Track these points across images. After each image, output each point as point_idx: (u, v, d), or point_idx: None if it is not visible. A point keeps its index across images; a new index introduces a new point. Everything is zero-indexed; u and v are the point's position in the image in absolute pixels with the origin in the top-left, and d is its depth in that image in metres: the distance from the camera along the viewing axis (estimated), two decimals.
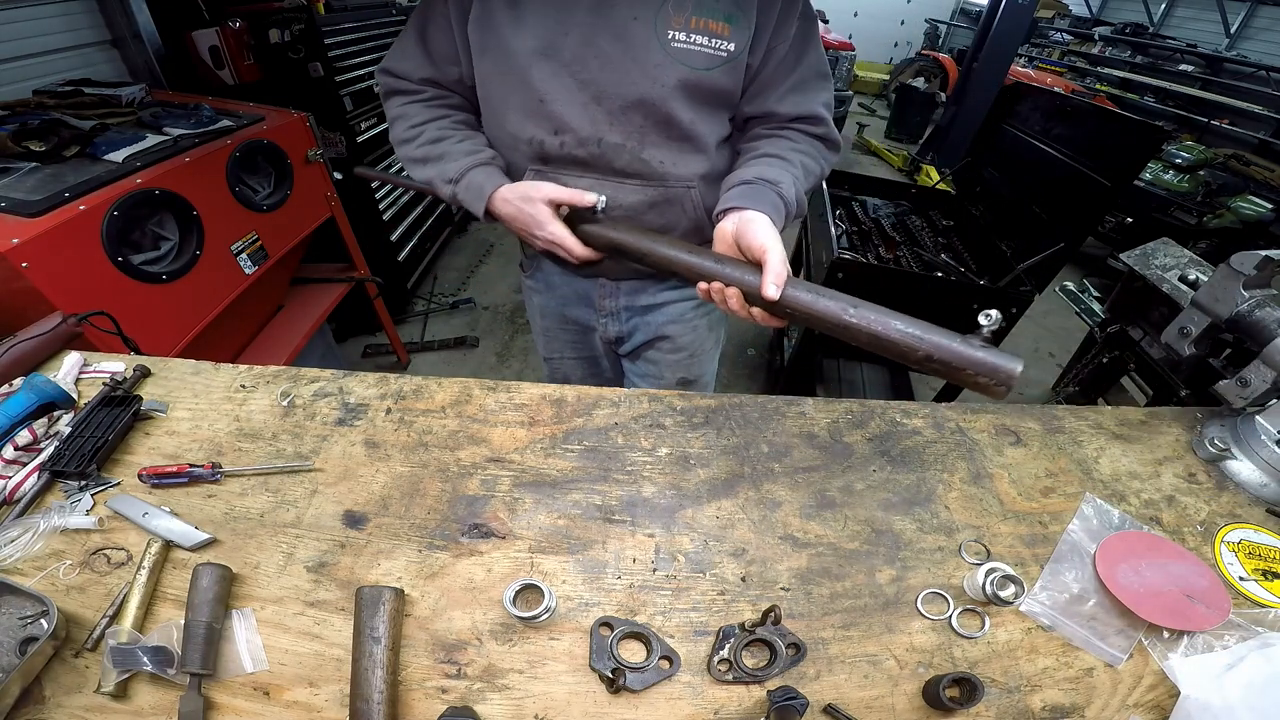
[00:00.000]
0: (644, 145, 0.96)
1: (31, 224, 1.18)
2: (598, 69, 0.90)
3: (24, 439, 0.79)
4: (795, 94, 0.99)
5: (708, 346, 1.32)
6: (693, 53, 0.90)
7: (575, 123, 0.94)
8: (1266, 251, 0.89)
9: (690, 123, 0.95)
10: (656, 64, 0.89)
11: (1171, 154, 4.71)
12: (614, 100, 0.92)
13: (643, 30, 0.88)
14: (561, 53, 0.90)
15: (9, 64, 1.83)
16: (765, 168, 0.95)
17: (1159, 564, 0.73)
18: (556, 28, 0.89)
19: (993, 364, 0.68)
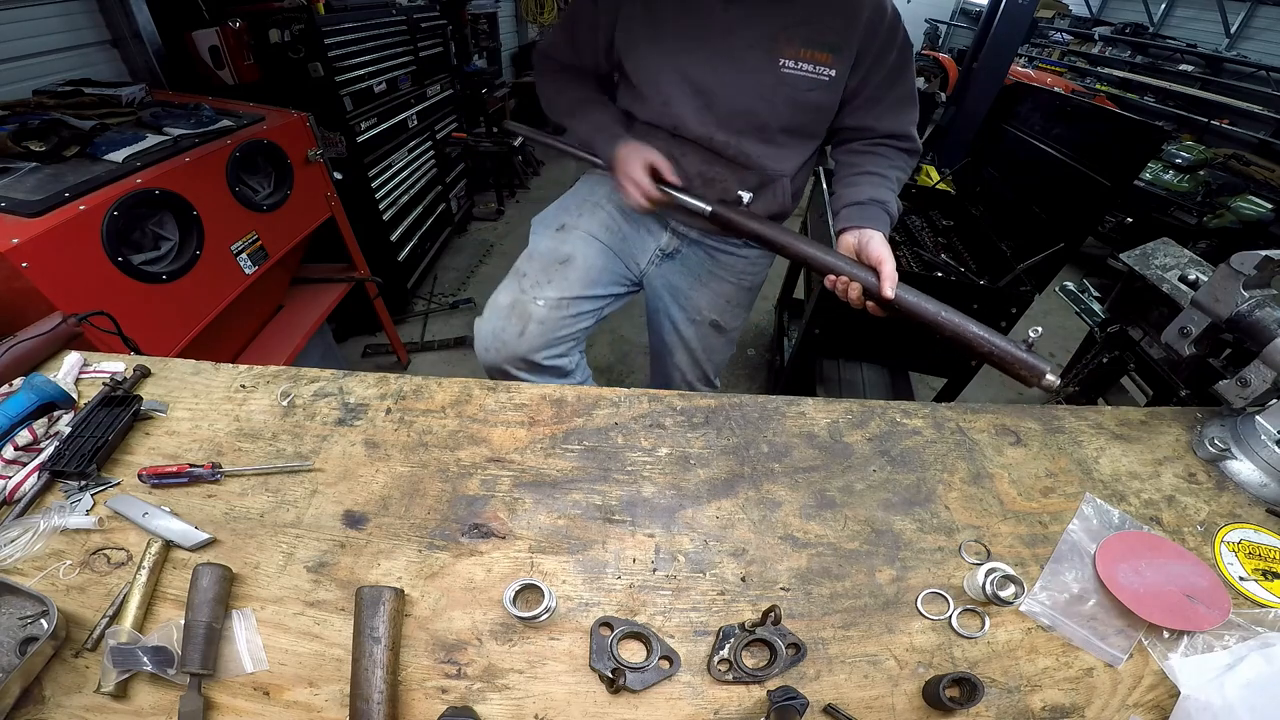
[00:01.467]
0: (742, 143, 1.18)
1: (31, 224, 1.18)
2: (716, 84, 1.12)
3: (24, 439, 0.79)
4: (890, 114, 1.19)
5: (744, 302, 1.52)
6: (799, 77, 1.10)
7: (690, 123, 1.17)
8: (1266, 251, 0.89)
9: (783, 130, 1.18)
10: (770, 85, 1.11)
11: (1171, 154, 4.71)
12: (724, 110, 1.15)
13: (760, 56, 1.09)
14: (688, 68, 1.12)
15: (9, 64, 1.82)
16: (873, 189, 1.14)
17: (1159, 564, 0.73)
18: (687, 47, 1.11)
19: (1034, 363, 0.91)
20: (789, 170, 1.25)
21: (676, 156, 1.21)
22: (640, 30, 1.14)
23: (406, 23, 3.16)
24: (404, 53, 3.14)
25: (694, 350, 1.54)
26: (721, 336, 1.53)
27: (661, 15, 1.13)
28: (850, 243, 1.10)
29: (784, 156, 1.23)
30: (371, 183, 2.87)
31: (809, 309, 2.29)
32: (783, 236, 1.12)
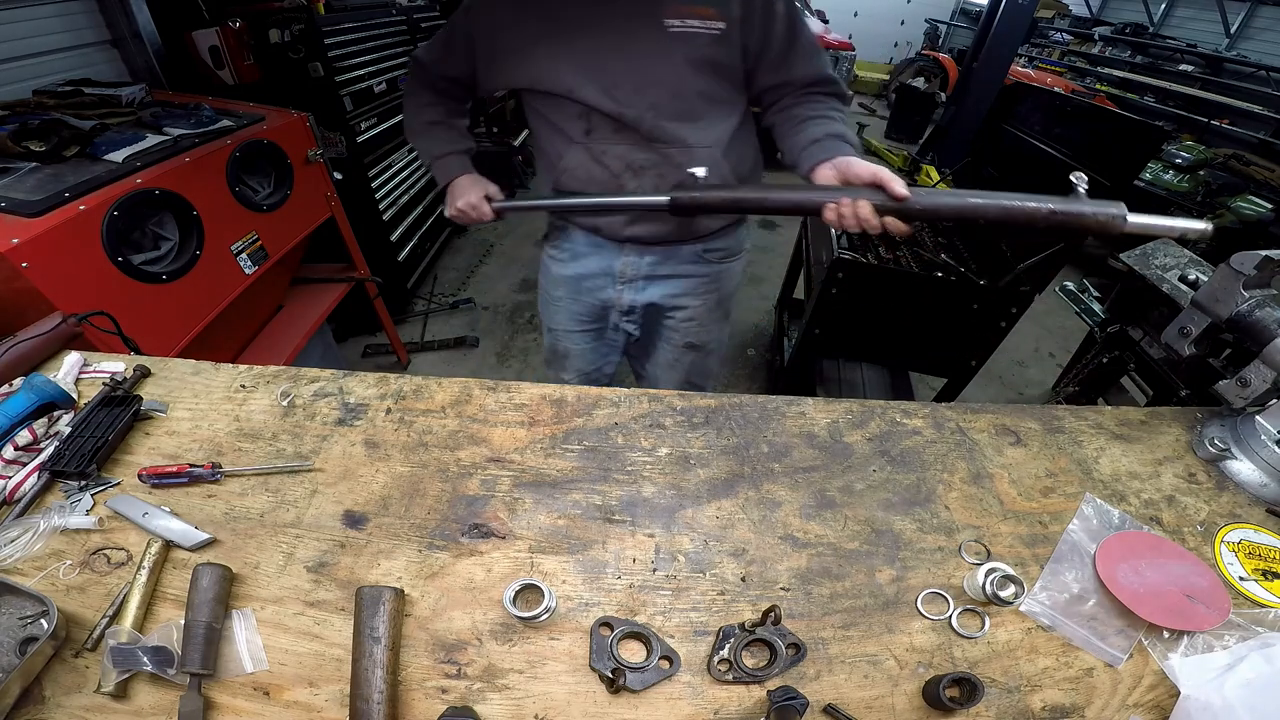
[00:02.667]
0: (659, 118, 1.13)
1: (31, 224, 1.18)
2: (608, 59, 1.09)
3: (24, 439, 0.79)
4: (804, 61, 1.16)
5: (716, 316, 1.48)
6: (689, 34, 1.06)
7: (601, 105, 1.12)
8: (1266, 251, 0.89)
9: (697, 94, 1.13)
10: (659, 47, 1.07)
11: (1171, 154, 4.71)
12: (627, 84, 1.10)
13: (643, 21, 1.06)
14: (576, 50, 1.09)
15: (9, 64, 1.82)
16: (825, 125, 1.11)
17: (1159, 564, 0.73)
18: (570, 29, 1.08)
19: (1104, 208, 0.80)
20: (714, 141, 1.20)
21: (598, 156, 1.19)
22: (527, 26, 1.12)
23: (406, 23, 3.16)
24: (404, 53, 3.14)
25: (678, 374, 1.56)
26: (701, 353, 1.52)
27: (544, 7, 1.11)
28: (829, 173, 1.02)
29: (705, 127, 1.18)
30: (371, 183, 2.87)
31: (809, 309, 2.29)
32: (757, 193, 1.06)
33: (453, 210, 1.29)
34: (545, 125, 1.24)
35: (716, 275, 1.42)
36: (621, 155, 1.19)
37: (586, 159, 1.20)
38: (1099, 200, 0.79)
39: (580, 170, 1.22)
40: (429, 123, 1.33)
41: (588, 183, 1.23)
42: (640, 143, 1.17)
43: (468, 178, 1.30)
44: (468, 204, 1.26)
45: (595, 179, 1.22)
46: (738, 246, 1.46)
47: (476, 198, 1.26)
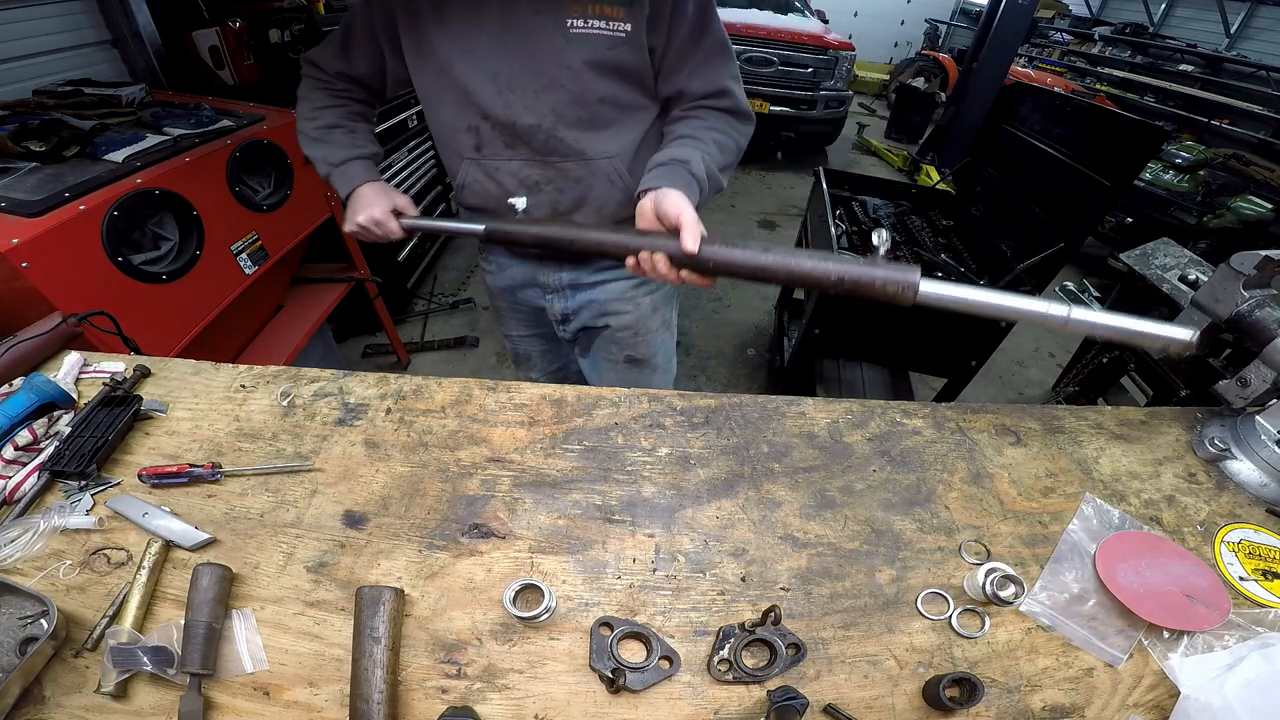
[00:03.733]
0: (558, 126, 1.04)
1: (31, 224, 1.18)
2: (507, 61, 1.00)
3: (24, 439, 0.79)
4: (703, 70, 1.07)
5: (653, 325, 1.38)
6: (592, 36, 0.98)
7: (494, 110, 1.03)
8: (1266, 251, 0.89)
9: (600, 100, 1.04)
10: (559, 49, 0.98)
11: (1171, 154, 4.71)
12: (525, 87, 1.01)
13: (545, 21, 0.97)
14: (477, 49, 1.00)
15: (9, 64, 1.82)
16: (678, 148, 1.04)
17: (1159, 564, 0.73)
18: (471, 28, 0.99)
19: (897, 276, 0.78)
20: (617, 151, 1.11)
21: (490, 172, 1.11)
22: (428, 19, 1.01)
23: None
24: None
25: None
26: (645, 370, 1.41)
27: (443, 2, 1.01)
28: (646, 207, 0.96)
29: (608, 137, 1.09)
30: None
31: (809, 309, 2.29)
32: (568, 232, 0.98)
33: (352, 226, 1.12)
34: (439, 139, 1.17)
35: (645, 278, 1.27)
36: (514, 172, 1.10)
37: (480, 175, 1.12)
38: (892, 265, 0.78)
39: (476, 186, 1.14)
40: (325, 126, 1.17)
41: (485, 199, 1.15)
42: (534, 158, 1.08)
43: (372, 187, 1.14)
44: (370, 219, 1.10)
45: (491, 195, 1.13)
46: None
47: (382, 211, 1.11)
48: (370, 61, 1.15)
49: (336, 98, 1.19)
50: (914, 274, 0.77)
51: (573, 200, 1.13)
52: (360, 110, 1.23)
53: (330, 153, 1.16)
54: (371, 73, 1.17)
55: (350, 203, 1.14)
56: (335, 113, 1.19)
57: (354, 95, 1.21)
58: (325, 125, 1.17)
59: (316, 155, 1.17)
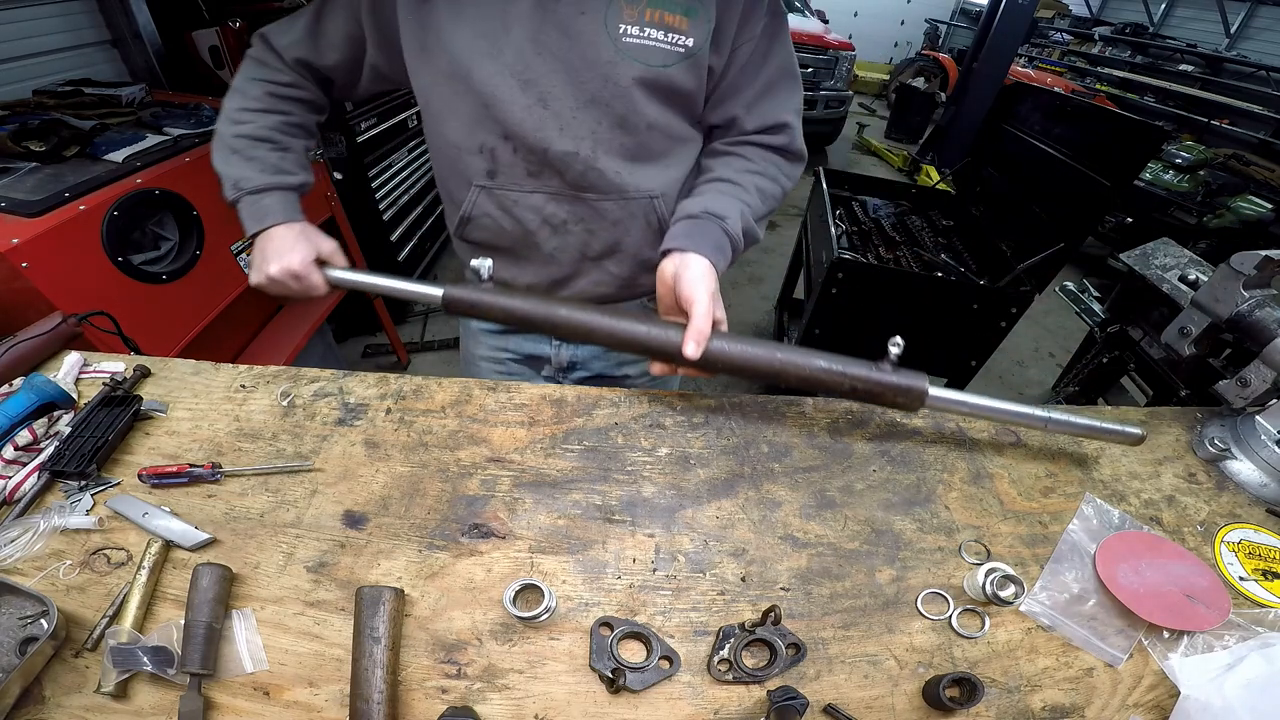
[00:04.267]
0: (597, 153, 0.88)
1: (31, 224, 1.18)
2: (543, 69, 0.82)
3: (24, 439, 0.79)
4: (764, 100, 0.93)
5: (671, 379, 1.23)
6: (648, 48, 0.82)
7: (522, 129, 0.85)
8: (1266, 251, 0.89)
9: (649, 127, 0.88)
10: (608, 61, 0.82)
11: (1171, 154, 4.71)
12: (562, 103, 0.84)
13: (591, 25, 0.81)
14: (504, 51, 0.82)
15: (9, 64, 1.82)
16: (714, 197, 0.90)
17: (1159, 564, 0.73)
18: (497, 24, 0.81)
19: (905, 385, 0.80)
20: (663, 188, 0.94)
21: (507, 205, 0.93)
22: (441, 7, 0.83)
23: None
24: None
25: None
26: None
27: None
28: (666, 274, 0.86)
29: (654, 171, 0.93)
30: (371, 183, 2.87)
31: (809, 309, 2.29)
32: (549, 311, 0.83)
33: (260, 278, 0.90)
34: (440, 159, 0.97)
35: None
36: (537, 207, 0.93)
37: (493, 208, 0.95)
38: (902, 373, 0.80)
39: (487, 222, 0.97)
40: (249, 137, 0.93)
41: (498, 236, 0.98)
42: (564, 191, 0.92)
43: (289, 229, 0.91)
44: (285, 270, 0.88)
45: (506, 233, 0.97)
46: None
47: (301, 261, 0.89)
48: (344, 51, 0.93)
49: (279, 100, 0.96)
50: (923, 381, 0.80)
51: (605, 245, 0.98)
52: (301, 121, 1.00)
53: (246, 173, 0.92)
54: (342, 66, 0.95)
55: (260, 245, 0.91)
56: (269, 120, 0.95)
57: (303, 97, 0.99)
58: (250, 135, 0.93)
59: (228, 173, 0.92)
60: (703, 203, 0.90)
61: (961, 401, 0.83)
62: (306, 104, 1.00)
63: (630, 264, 1.01)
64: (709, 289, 0.81)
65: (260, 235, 0.92)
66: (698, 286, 0.81)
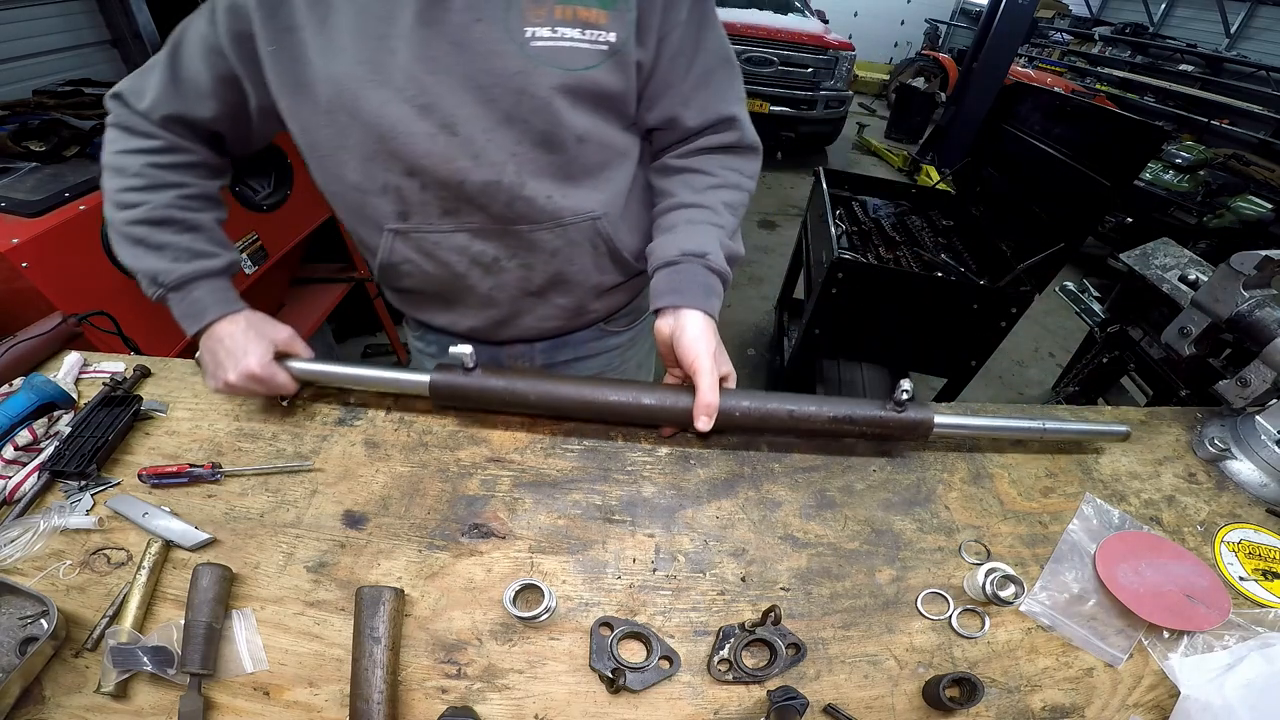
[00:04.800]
0: (522, 178, 0.77)
1: (31, 224, 1.18)
2: (441, 90, 0.71)
3: (24, 439, 0.79)
4: (701, 92, 0.84)
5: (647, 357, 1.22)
6: (564, 50, 0.72)
7: (428, 161, 0.74)
8: (1266, 251, 0.89)
9: (579, 140, 0.78)
10: (518, 72, 0.71)
11: (1171, 154, 4.72)
12: (472, 126, 0.73)
13: (491, 32, 0.70)
14: (392, 76, 0.70)
15: (9, 64, 1.83)
16: (687, 232, 0.83)
17: (1159, 564, 0.73)
18: (378, 45, 0.69)
19: (914, 420, 0.81)
20: (604, 206, 0.85)
21: (428, 249, 0.83)
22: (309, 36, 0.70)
23: None
24: None
25: None
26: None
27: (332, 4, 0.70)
28: (664, 333, 0.80)
29: (590, 189, 0.83)
30: None
31: (809, 309, 2.29)
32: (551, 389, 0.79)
33: (218, 385, 0.79)
34: (341, 206, 0.85)
35: (629, 341, 1.13)
36: (461, 247, 0.83)
37: (411, 252, 0.84)
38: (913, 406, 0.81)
39: (408, 267, 0.86)
40: (147, 221, 0.79)
41: (424, 282, 0.89)
42: (488, 225, 0.81)
43: (235, 323, 0.80)
44: (245, 375, 0.77)
45: (432, 278, 0.88)
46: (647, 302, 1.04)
47: (259, 362, 0.78)
48: (220, 97, 0.78)
49: (164, 170, 0.81)
50: (929, 413, 0.82)
51: (547, 278, 0.89)
52: (200, 191, 0.84)
53: (159, 266, 0.78)
54: (224, 115, 0.80)
55: (207, 346, 0.80)
56: (161, 197, 0.80)
57: (191, 162, 0.83)
58: (147, 220, 0.79)
59: (139, 268, 0.79)
60: (677, 242, 0.82)
61: (965, 425, 0.85)
62: (198, 168, 0.84)
63: (578, 293, 0.94)
64: (709, 349, 0.76)
65: (203, 335, 0.80)
66: (698, 350, 0.76)
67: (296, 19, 0.70)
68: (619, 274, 0.96)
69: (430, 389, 0.81)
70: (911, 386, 0.80)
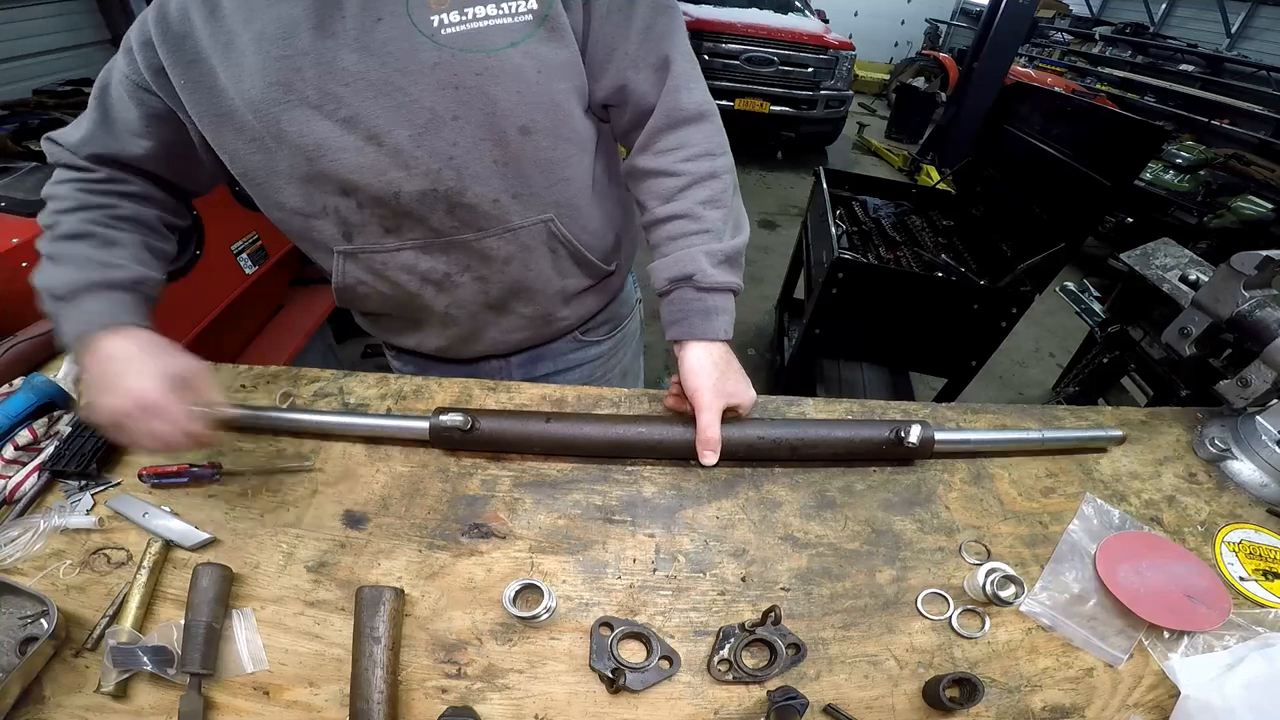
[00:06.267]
0: (462, 183, 0.72)
1: (31, 224, 1.18)
2: (359, 100, 0.66)
3: (24, 439, 0.79)
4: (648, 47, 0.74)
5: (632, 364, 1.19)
6: (481, 31, 0.65)
7: (359, 177, 0.70)
8: (1267, 251, 0.89)
9: (522, 131, 0.71)
10: (435, 65, 0.65)
11: (1171, 154, 4.72)
12: (398, 134, 0.68)
13: (393, 30, 0.64)
14: (305, 93, 0.66)
15: (9, 64, 1.83)
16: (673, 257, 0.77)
17: (1159, 564, 0.73)
18: (284, 65, 0.65)
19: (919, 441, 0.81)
20: (561, 202, 0.80)
21: (378, 269, 0.80)
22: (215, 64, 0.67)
23: None
24: None
25: None
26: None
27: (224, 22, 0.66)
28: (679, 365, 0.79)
29: (542, 187, 0.77)
30: None
31: (809, 309, 2.29)
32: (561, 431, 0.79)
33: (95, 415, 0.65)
34: (292, 235, 0.82)
35: (611, 350, 1.09)
36: (408, 265, 0.79)
37: (363, 273, 0.81)
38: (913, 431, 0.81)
39: (363, 289, 0.84)
40: (64, 236, 0.73)
41: (382, 303, 0.87)
42: (431, 239, 0.77)
43: (126, 341, 0.67)
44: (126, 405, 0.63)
45: (388, 298, 0.85)
46: (626, 308, 1.08)
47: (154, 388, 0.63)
48: (154, 134, 0.74)
49: (95, 194, 0.75)
50: (930, 432, 0.83)
51: (506, 288, 0.85)
52: (131, 214, 0.77)
53: (56, 277, 0.70)
54: (159, 154, 0.76)
55: (91, 369, 0.67)
56: (86, 215, 0.74)
57: (128, 191, 0.78)
58: (64, 235, 0.73)
59: (39, 285, 0.71)
60: (664, 269, 0.78)
61: (966, 440, 0.87)
62: (135, 196, 0.78)
63: (542, 301, 0.90)
64: (709, 383, 0.75)
65: (84, 356, 0.68)
66: (696, 385, 0.75)
67: (201, 49, 0.67)
68: (585, 277, 0.92)
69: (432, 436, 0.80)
70: (919, 431, 0.80)
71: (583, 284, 0.93)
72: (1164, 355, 1.59)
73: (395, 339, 1.00)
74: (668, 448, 0.81)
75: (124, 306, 0.71)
